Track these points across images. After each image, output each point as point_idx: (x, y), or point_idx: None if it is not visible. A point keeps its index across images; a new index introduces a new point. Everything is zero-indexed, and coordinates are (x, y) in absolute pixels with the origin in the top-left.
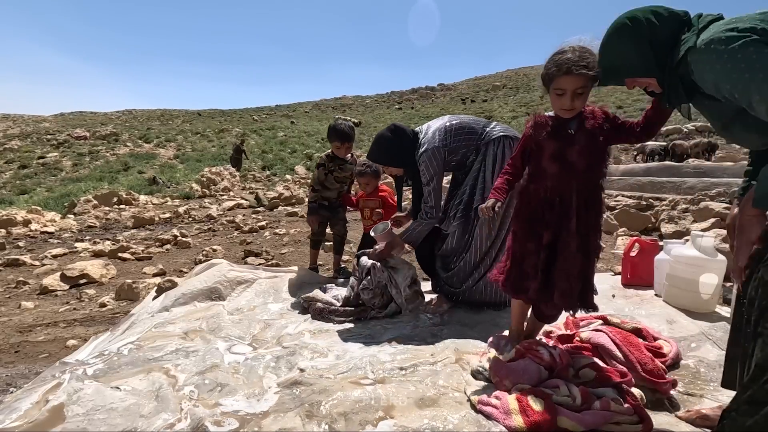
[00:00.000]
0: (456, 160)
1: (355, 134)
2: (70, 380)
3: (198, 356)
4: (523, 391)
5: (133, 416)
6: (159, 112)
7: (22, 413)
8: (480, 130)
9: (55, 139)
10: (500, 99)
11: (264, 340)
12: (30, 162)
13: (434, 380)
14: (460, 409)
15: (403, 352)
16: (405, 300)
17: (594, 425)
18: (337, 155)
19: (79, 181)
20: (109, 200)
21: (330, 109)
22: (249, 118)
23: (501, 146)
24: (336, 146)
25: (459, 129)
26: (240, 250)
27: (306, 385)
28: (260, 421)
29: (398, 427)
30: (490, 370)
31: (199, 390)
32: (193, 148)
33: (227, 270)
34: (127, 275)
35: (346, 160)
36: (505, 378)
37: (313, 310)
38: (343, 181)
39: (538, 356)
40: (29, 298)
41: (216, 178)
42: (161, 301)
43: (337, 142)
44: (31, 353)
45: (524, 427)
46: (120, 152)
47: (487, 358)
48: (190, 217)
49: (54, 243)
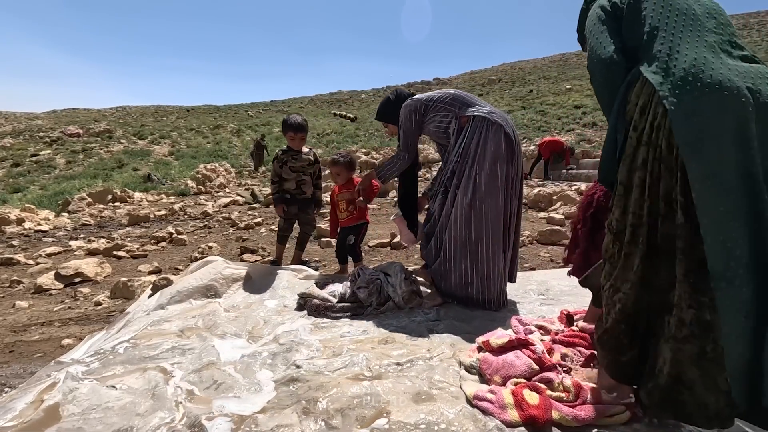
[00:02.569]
0: (436, 122)
1: (308, 126)
2: (66, 379)
3: (194, 354)
4: (519, 384)
5: (129, 415)
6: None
7: (17, 413)
8: (469, 102)
9: (48, 137)
10: (496, 93)
11: (260, 336)
12: (23, 160)
13: (430, 375)
14: (456, 404)
15: (399, 348)
16: (402, 299)
17: (589, 420)
18: (291, 147)
19: (73, 179)
20: (103, 198)
21: (326, 104)
22: (244, 114)
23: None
24: (291, 137)
25: (448, 95)
26: (236, 247)
27: (303, 382)
28: (257, 417)
29: (394, 424)
30: (480, 365)
31: (196, 388)
32: (187, 144)
33: (223, 267)
34: (123, 273)
35: (300, 151)
36: (495, 373)
37: (309, 307)
38: (299, 170)
39: (531, 350)
40: (23, 297)
41: (211, 175)
42: (157, 299)
43: (291, 133)
44: (26, 353)
45: (519, 421)
46: (114, 149)
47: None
48: (186, 214)
49: (48, 241)
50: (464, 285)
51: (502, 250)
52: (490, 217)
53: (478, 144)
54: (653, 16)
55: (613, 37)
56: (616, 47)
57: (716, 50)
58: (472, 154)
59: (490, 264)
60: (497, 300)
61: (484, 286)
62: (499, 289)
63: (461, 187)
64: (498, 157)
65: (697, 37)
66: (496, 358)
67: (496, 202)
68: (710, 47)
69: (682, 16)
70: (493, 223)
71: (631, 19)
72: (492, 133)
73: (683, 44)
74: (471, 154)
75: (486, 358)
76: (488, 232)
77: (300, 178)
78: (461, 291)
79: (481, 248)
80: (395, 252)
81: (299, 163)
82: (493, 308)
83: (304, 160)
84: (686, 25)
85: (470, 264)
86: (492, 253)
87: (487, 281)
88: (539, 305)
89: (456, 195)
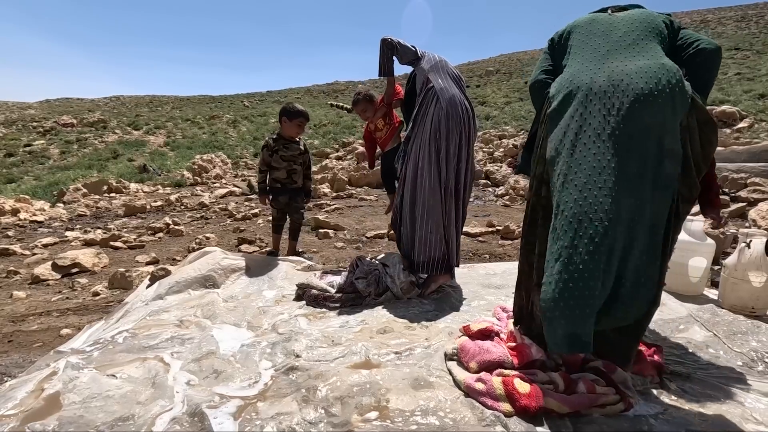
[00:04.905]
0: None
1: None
2: (66, 369)
3: (193, 344)
4: (508, 376)
5: (130, 403)
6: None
7: (17, 402)
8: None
9: (42, 127)
10: (493, 84)
11: (259, 326)
12: (16, 150)
13: (428, 363)
14: (454, 392)
15: (397, 337)
16: (401, 290)
17: (580, 406)
18: (286, 136)
19: (68, 169)
20: (98, 188)
21: (322, 95)
22: (240, 105)
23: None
24: (297, 124)
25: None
26: (233, 238)
27: (302, 371)
28: (257, 406)
29: (393, 411)
30: (458, 351)
31: (196, 377)
32: (183, 135)
33: (221, 258)
34: (120, 264)
35: (292, 140)
36: (471, 359)
37: (307, 297)
38: (290, 159)
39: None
40: (21, 287)
41: (207, 166)
42: (155, 289)
43: (297, 120)
44: (25, 342)
45: (512, 412)
46: (109, 140)
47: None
48: (182, 205)
49: (44, 232)
50: (416, 250)
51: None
52: (431, 183)
53: (422, 115)
54: (573, 45)
55: (543, 64)
56: (542, 71)
57: (604, 57)
58: (416, 126)
59: (433, 228)
60: (439, 262)
61: (421, 250)
62: (433, 255)
63: (411, 155)
64: (439, 130)
65: (593, 51)
66: (473, 344)
67: (436, 171)
68: (600, 57)
69: (593, 35)
70: (433, 189)
71: (561, 52)
72: (437, 106)
73: (577, 59)
74: (419, 122)
75: (463, 344)
76: (425, 200)
77: (291, 167)
78: (415, 256)
79: (421, 214)
80: (393, 243)
81: (290, 152)
82: (423, 271)
83: (294, 150)
84: (591, 43)
85: (418, 228)
86: (428, 219)
87: (434, 245)
88: None
89: (406, 162)
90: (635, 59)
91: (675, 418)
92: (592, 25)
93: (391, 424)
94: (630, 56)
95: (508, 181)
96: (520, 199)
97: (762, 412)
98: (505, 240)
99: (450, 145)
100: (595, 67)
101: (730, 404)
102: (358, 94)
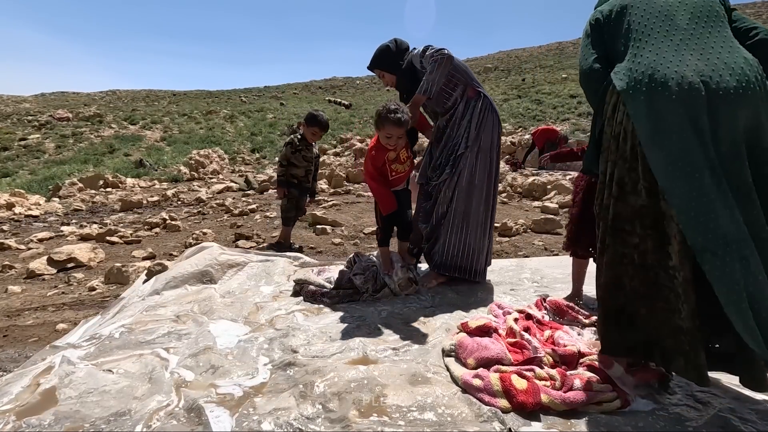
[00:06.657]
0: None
1: None
2: (62, 363)
3: (190, 339)
4: (506, 372)
5: (127, 398)
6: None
7: (13, 396)
8: (472, 75)
9: (37, 121)
10: (492, 81)
11: (257, 322)
12: (11, 144)
13: (426, 359)
14: (452, 388)
15: (395, 333)
16: (398, 286)
17: (577, 403)
18: (307, 139)
19: (63, 164)
20: (94, 183)
21: (320, 91)
22: (237, 100)
23: (485, 109)
24: (314, 132)
25: (460, 61)
26: (230, 234)
27: (299, 366)
28: (254, 401)
29: (390, 407)
30: (456, 348)
31: (193, 372)
32: (180, 129)
33: (218, 253)
34: (116, 259)
35: (312, 144)
36: (469, 356)
37: (305, 293)
38: (310, 160)
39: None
40: (16, 282)
41: (204, 161)
42: (152, 284)
43: (317, 129)
44: (20, 337)
45: (510, 408)
46: (105, 134)
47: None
48: (179, 200)
49: (39, 227)
50: (460, 255)
51: (490, 227)
52: (483, 194)
53: (481, 124)
54: (631, 27)
55: (595, 48)
56: (596, 57)
57: (679, 48)
58: (475, 134)
59: (481, 237)
60: (483, 271)
61: (474, 257)
62: (485, 262)
63: (467, 163)
64: (494, 140)
65: (663, 38)
66: (471, 341)
67: (488, 182)
68: (674, 46)
69: (656, 18)
70: (486, 200)
71: (613, 33)
72: (493, 116)
73: (647, 47)
74: (474, 131)
75: (462, 341)
76: (480, 208)
77: (309, 168)
78: (459, 261)
79: (476, 221)
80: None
81: (310, 154)
82: (478, 279)
83: (314, 153)
84: (655, 27)
85: (466, 236)
86: (485, 227)
87: (478, 253)
88: (533, 292)
89: (461, 170)
90: (715, 51)
91: (671, 415)
92: (650, 5)
93: (388, 419)
94: (709, 47)
95: (506, 179)
96: (517, 197)
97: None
98: (502, 237)
99: (499, 157)
100: (675, 59)
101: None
102: (403, 111)
